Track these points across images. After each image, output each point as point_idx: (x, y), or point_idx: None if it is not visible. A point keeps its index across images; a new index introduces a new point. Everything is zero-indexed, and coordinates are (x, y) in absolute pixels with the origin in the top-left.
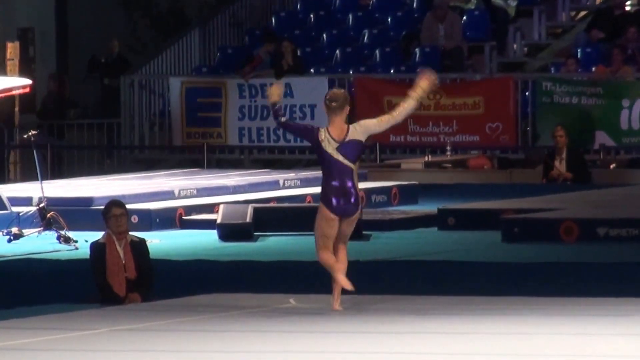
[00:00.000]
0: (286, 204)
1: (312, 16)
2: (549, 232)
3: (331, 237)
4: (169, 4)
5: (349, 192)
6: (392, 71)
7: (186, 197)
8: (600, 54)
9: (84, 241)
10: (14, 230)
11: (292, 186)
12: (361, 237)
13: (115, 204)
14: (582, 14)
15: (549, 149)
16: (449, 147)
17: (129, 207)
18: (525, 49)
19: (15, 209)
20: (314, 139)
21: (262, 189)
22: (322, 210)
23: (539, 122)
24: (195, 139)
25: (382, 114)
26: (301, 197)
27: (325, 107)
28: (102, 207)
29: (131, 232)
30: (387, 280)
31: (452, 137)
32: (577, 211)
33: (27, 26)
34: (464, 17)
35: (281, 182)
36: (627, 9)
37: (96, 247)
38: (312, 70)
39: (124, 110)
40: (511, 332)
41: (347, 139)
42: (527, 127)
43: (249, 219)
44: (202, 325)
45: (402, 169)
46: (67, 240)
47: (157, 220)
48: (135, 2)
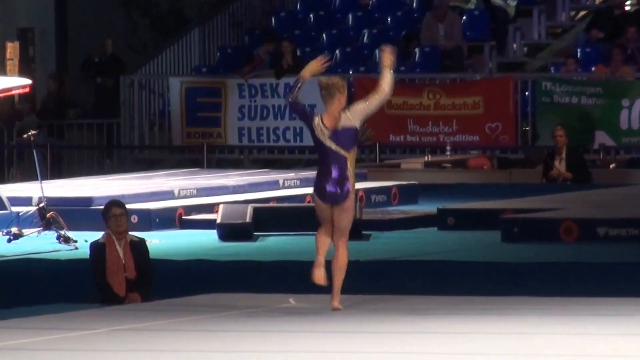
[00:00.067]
0: (286, 204)
1: (312, 16)
2: (548, 232)
3: (326, 221)
4: (169, 3)
5: (340, 181)
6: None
7: (186, 197)
8: (600, 53)
9: (83, 241)
10: (14, 230)
11: (291, 186)
12: (361, 237)
13: (115, 204)
14: (582, 13)
15: (548, 148)
16: (448, 147)
17: (128, 207)
18: (525, 49)
19: (15, 209)
20: (309, 124)
21: (262, 188)
22: (315, 197)
23: (539, 122)
24: (195, 138)
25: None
26: (301, 197)
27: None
28: (101, 207)
29: (131, 232)
30: (387, 280)
31: (451, 137)
32: (577, 211)
33: (27, 26)
34: (464, 17)
35: (281, 182)
36: (627, 8)
37: (96, 247)
38: None
39: (123, 110)
40: (511, 332)
41: (340, 127)
42: (527, 127)
43: (248, 219)
44: (202, 325)
45: (401, 168)
46: (66, 240)
47: (157, 220)
48: (135, 2)
